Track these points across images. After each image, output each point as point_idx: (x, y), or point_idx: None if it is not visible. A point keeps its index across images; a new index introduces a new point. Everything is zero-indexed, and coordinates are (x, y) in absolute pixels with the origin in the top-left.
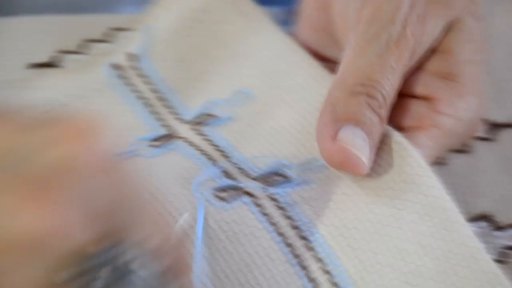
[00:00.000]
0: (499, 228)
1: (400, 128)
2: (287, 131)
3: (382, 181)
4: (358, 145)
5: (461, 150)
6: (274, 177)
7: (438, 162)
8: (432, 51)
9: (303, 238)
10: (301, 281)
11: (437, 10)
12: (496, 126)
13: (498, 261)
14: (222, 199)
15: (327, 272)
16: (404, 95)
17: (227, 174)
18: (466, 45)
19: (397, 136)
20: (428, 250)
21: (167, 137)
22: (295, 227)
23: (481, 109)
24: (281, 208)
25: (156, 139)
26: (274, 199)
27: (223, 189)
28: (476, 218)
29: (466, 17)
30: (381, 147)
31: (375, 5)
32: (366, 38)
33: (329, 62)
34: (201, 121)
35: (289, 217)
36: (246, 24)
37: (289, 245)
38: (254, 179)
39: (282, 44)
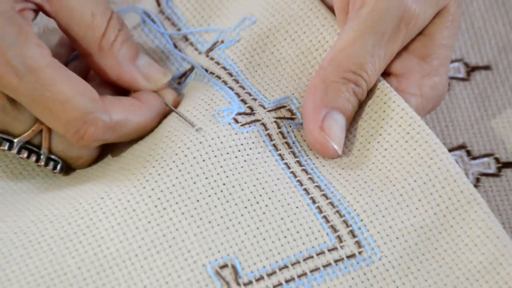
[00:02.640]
0: (474, 157)
1: None
2: (289, 67)
3: (363, 122)
4: (337, 136)
5: None
6: (282, 110)
7: None
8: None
9: (303, 169)
10: (303, 197)
11: (432, 1)
12: (473, 69)
13: (473, 186)
14: (239, 122)
15: (324, 195)
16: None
17: (244, 101)
18: (445, 31)
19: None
20: (414, 175)
21: (190, 70)
22: (295, 156)
23: (445, 87)
24: (286, 143)
25: (182, 75)
26: (281, 133)
27: (240, 114)
28: (454, 148)
29: (451, 4)
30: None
31: None
32: (367, 26)
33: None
34: (213, 47)
35: (290, 147)
36: None
37: (291, 171)
38: (268, 111)
39: None
